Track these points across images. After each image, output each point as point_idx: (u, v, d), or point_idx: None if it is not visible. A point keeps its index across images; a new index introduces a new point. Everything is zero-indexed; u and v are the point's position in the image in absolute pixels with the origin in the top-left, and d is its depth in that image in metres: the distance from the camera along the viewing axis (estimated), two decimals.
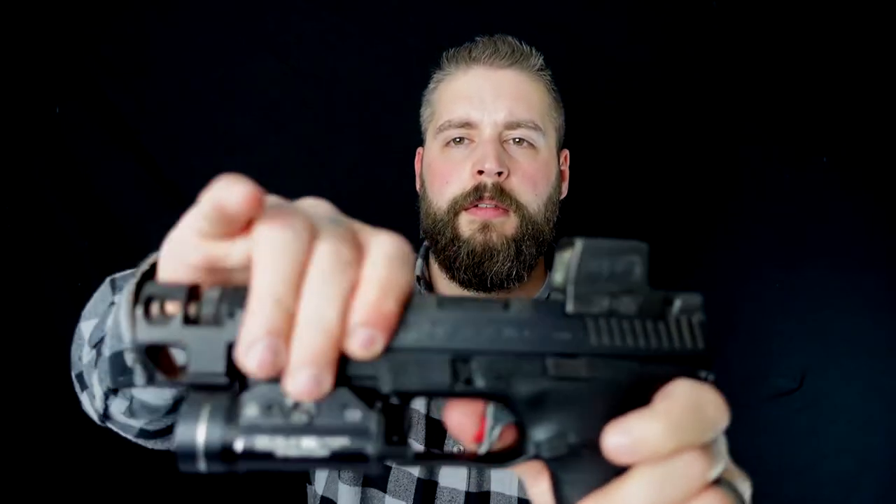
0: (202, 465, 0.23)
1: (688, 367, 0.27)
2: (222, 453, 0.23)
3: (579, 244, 0.27)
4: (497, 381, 0.26)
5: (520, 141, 0.76)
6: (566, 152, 0.88)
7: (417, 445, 0.70)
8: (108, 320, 0.46)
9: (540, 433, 0.26)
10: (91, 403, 0.55)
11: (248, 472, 0.24)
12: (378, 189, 1.15)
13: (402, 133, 1.02)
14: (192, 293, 0.24)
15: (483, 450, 0.28)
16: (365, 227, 0.26)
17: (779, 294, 1.13)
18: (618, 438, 0.23)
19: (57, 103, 1.09)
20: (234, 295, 0.24)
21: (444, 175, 0.77)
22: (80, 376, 0.56)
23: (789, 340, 1.12)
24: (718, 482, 0.25)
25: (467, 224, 0.75)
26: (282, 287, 0.22)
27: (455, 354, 0.25)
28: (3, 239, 1.08)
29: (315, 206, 0.26)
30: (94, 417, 0.56)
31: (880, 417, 1.12)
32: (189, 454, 0.23)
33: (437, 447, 0.71)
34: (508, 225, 0.74)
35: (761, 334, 1.13)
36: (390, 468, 0.71)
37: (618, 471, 0.24)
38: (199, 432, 0.23)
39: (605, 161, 1.14)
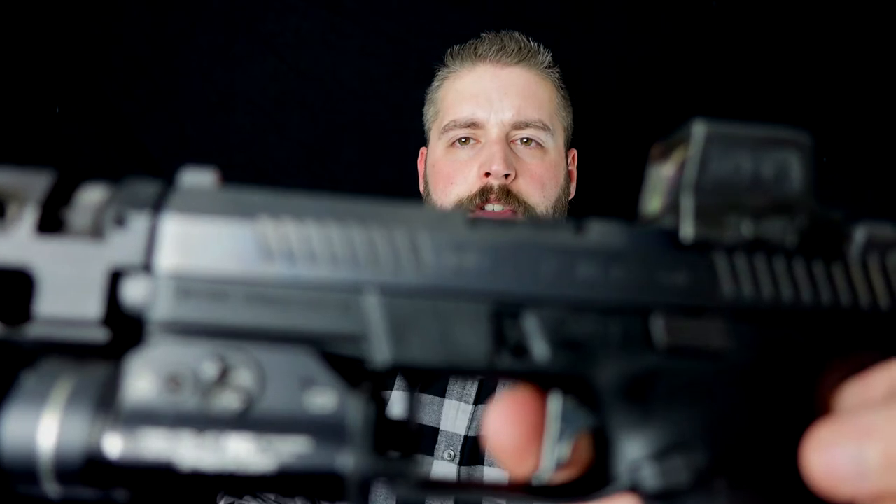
0: (50, 488, 0.14)
1: (888, 340, 0.16)
2: (86, 468, 0.13)
3: (700, 130, 0.17)
4: (568, 352, 0.16)
5: (527, 141, 0.74)
6: (574, 152, 0.87)
7: (448, 466, 0.65)
8: None
9: (639, 448, 0.15)
10: None
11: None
12: (378, 189, 1.15)
13: (402, 133, 1.02)
14: (60, 191, 0.15)
15: (544, 474, 0.17)
16: None
17: None
18: (847, 451, 0.13)
19: (57, 103, 1.09)
20: (129, 195, 0.15)
21: (449, 176, 0.75)
22: None
23: None
24: None
25: None
26: None
27: (498, 303, 0.15)
28: None
29: None
30: None
31: None
32: (25, 468, 0.13)
33: (428, 452, 0.67)
34: None
35: None
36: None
37: None
38: (42, 430, 0.13)
39: (604, 161, 1.14)
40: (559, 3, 1.17)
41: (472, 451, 0.66)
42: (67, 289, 0.14)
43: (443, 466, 0.66)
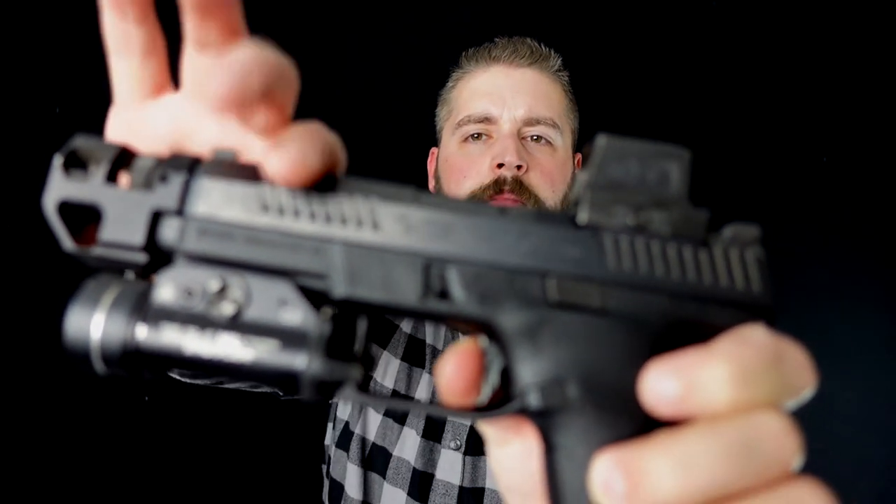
0: (98, 366, 0.19)
1: (739, 315, 0.20)
2: (123, 355, 0.19)
3: (602, 141, 0.21)
4: (481, 300, 0.20)
5: (538, 138, 0.76)
6: (580, 156, 0.89)
7: (454, 455, 0.69)
8: None
9: (528, 375, 0.20)
10: None
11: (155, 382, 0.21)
12: None
13: (402, 133, 1.02)
14: (124, 156, 0.21)
15: (482, 400, 0.22)
16: None
17: (778, 294, 1.13)
18: (665, 380, 0.18)
19: (57, 103, 1.09)
20: (173, 162, 0.21)
21: (462, 170, 0.77)
22: None
23: None
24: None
25: None
26: None
27: (429, 259, 0.21)
28: (3, 239, 1.08)
29: None
30: None
31: (879, 418, 1.12)
32: (80, 352, 0.19)
33: (436, 439, 0.70)
34: None
35: None
36: (391, 455, 0.70)
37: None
38: (94, 324, 0.19)
39: None
40: (558, 3, 1.17)
41: (476, 440, 0.68)
42: (122, 222, 0.20)
43: (449, 455, 0.68)
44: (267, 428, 1.14)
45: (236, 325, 0.19)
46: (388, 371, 0.75)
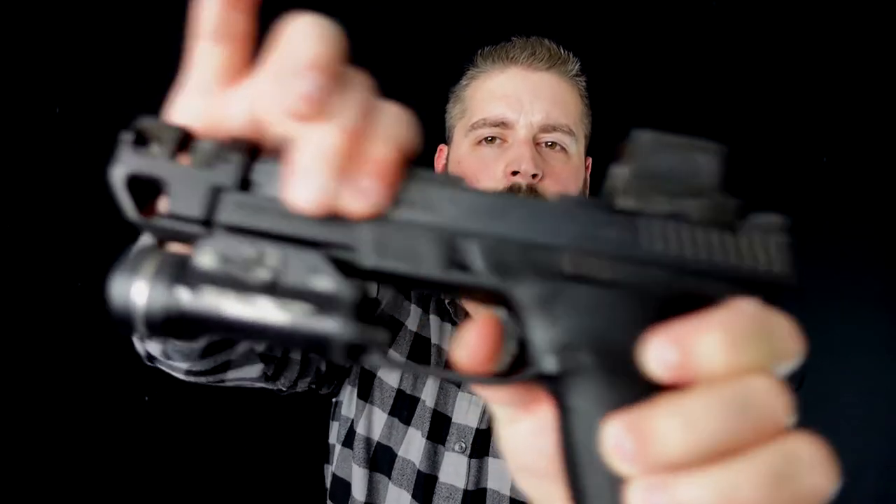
0: (142, 332, 0.20)
1: (759, 293, 0.22)
2: (165, 320, 0.20)
3: (638, 136, 0.23)
4: (499, 271, 0.22)
5: (552, 145, 0.76)
6: (589, 160, 0.88)
7: (459, 457, 0.69)
8: None
9: (544, 342, 0.21)
10: (138, 346, 0.55)
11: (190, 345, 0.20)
12: None
13: None
14: (186, 138, 0.22)
15: (501, 367, 0.24)
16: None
17: None
18: (664, 349, 0.19)
19: (57, 103, 1.09)
20: (232, 145, 0.22)
21: (474, 173, 0.75)
22: None
23: None
24: None
25: None
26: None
27: (452, 233, 0.22)
28: (2, 239, 1.08)
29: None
30: (144, 359, 0.56)
31: (879, 417, 1.12)
32: (125, 317, 0.20)
33: (440, 441, 0.71)
34: None
35: None
36: (396, 455, 0.70)
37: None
38: (139, 291, 0.20)
39: (603, 161, 1.14)
40: (556, 4, 1.17)
41: (482, 443, 0.68)
42: (185, 196, 0.21)
43: (453, 458, 0.68)
44: (269, 427, 1.14)
45: (272, 289, 0.20)
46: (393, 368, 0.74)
